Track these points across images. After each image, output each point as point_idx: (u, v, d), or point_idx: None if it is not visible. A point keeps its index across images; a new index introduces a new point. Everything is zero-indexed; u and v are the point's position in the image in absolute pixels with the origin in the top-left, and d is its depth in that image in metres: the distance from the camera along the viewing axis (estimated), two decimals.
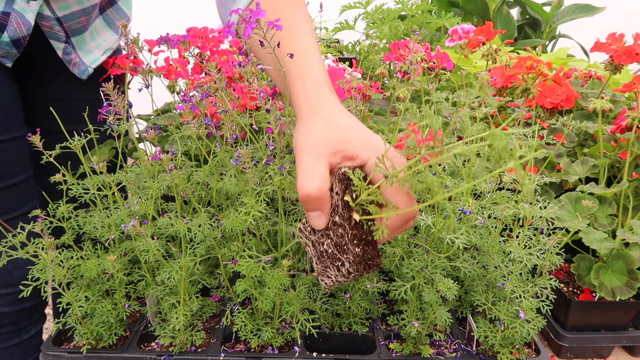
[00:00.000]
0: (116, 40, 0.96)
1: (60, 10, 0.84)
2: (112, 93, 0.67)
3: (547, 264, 0.69)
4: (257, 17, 0.54)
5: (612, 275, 0.86)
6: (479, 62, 1.50)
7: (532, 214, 0.66)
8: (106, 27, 0.93)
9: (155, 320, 0.76)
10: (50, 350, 0.71)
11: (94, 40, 0.91)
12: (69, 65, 0.89)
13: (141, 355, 0.70)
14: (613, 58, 1.03)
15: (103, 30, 0.93)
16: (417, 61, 0.91)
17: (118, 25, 0.94)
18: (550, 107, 1.02)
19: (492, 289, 0.73)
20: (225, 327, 0.76)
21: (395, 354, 0.71)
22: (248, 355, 0.71)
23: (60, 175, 0.71)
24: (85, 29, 0.89)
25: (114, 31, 0.95)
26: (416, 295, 0.70)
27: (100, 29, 0.93)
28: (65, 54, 0.88)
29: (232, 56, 0.97)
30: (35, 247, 0.66)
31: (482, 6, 2.19)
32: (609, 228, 0.89)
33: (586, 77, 1.31)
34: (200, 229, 0.65)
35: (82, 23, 0.87)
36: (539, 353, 0.74)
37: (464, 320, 0.80)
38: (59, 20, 0.84)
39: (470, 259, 0.72)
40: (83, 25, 0.88)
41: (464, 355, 0.72)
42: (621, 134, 0.96)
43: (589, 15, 2.28)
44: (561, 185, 1.06)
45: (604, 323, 0.90)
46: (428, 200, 0.45)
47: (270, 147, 0.66)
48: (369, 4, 1.89)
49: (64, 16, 0.84)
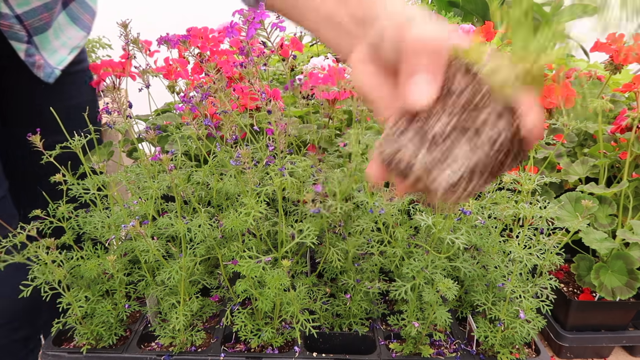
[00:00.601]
0: (83, 37, 0.88)
1: (20, 7, 0.76)
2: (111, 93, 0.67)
3: (547, 264, 0.69)
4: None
5: (612, 275, 0.86)
6: None
7: (532, 214, 0.66)
8: (71, 23, 0.86)
9: (155, 320, 0.76)
10: (50, 350, 0.71)
11: (59, 38, 0.84)
12: (33, 68, 0.81)
13: (141, 355, 0.70)
14: (613, 58, 1.03)
15: (68, 27, 0.86)
16: None
17: (84, 20, 0.87)
18: (550, 107, 1.02)
19: (492, 289, 0.73)
20: (225, 327, 0.76)
21: (395, 354, 0.71)
22: (248, 355, 0.71)
23: (61, 175, 0.72)
24: (48, 27, 0.81)
25: (80, 27, 0.88)
26: (416, 295, 0.70)
27: (65, 25, 0.86)
28: (28, 55, 0.80)
29: (232, 56, 0.97)
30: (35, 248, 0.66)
31: (482, 6, 2.19)
32: (609, 228, 0.89)
33: (586, 77, 1.31)
34: (200, 229, 0.65)
35: (45, 20, 0.80)
36: (539, 353, 0.74)
37: (464, 320, 0.80)
38: (18, 18, 0.76)
39: (470, 259, 0.72)
40: (45, 22, 0.80)
41: (464, 355, 0.72)
42: (621, 134, 0.96)
43: (589, 15, 2.28)
44: (561, 185, 1.06)
45: (604, 323, 0.90)
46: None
47: (270, 148, 0.66)
48: None
49: (24, 13, 0.76)
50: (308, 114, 0.99)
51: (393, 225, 0.72)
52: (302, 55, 1.50)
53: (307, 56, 1.50)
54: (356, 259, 0.76)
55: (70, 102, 0.92)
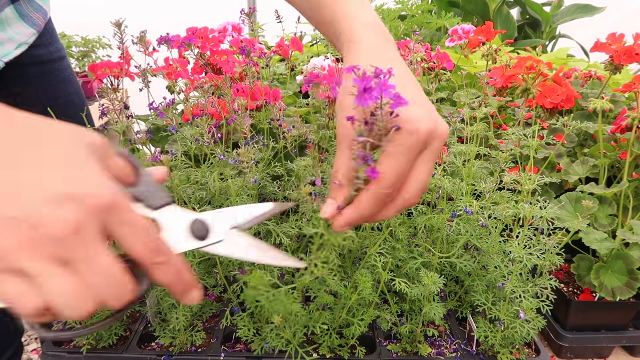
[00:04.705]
0: (32, 34, 0.86)
1: None
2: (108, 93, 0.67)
3: (547, 264, 0.69)
4: None
5: (612, 275, 0.86)
6: (479, 62, 1.50)
7: (532, 214, 0.66)
8: (19, 19, 0.83)
9: (155, 320, 0.76)
10: (50, 350, 0.71)
11: (5, 31, 0.81)
12: None
13: (141, 355, 0.70)
14: (613, 58, 1.03)
15: (15, 22, 0.84)
16: (417, 61, 0.91)
17: (33, 17, 0.84)
18: (550, 107, 1.02)
19: (492, 289, 0.73)
20: (225, 327, 0.76)
21: (395, 354, 0.71)
22: (248, 355, 0.71)
23: None
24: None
25: (29, 24, 0.85)
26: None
27: (12, 19, 0.83)
28: None
29: (232, 56, 0.97)
30: None
31: (482, 6, 2.19)
32: (609, 228, 0.89)
33: (586, 77, 1.31)
34: None
35: None
36: (539, 353, 0.74)
37: (464, 320, 0.80)
38: None
39: (470, 259, 0.72)
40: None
41: (464, 355, 0.72)
42: (621, 134, 0.96)
43: (589, 15, 2.29)
44: (561, 185, 1.06)
45: (604, 323, 0.90)
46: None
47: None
48: None
49: None
50: (308, 114, 0.99)
51: (393, 224, 0.72)
52: (302, 55, 1.50)
53: (307, 56, 1.50)
54: (356, 259, 0.76)
55: (58, 101, 0.92)
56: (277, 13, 1.23)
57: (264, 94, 0.84)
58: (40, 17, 0.86)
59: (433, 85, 0.92)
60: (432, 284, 0.64)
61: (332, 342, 0.69)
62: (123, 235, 0.34)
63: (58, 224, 0.31)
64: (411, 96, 0.40)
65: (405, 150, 0.39)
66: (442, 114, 1.20)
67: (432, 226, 0.72)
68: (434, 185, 0.74)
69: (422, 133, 0.40)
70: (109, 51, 2.82)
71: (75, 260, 0.32)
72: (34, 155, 0.33)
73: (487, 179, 0.78)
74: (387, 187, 0.39)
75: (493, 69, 1.08)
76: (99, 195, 0.33)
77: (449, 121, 0.86)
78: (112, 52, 2.82)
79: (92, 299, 0.33)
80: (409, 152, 0.40)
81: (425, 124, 0.40)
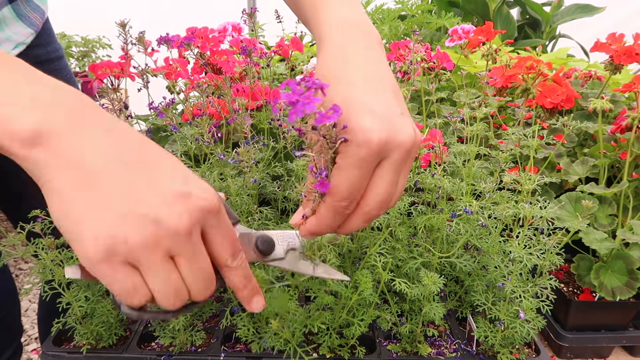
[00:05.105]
0: (30, 34, 0.86)
1: None
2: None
3: (547, 264, 0.69)
4: None
5: (612, 275, 0.86)
6: (479, 62, 1.50)
7: (532, 214, 0.66)
8: (16, 19, 0.83)
9: (155, 320, 0.76)
10: (50, 350, 0.71)
11: (3, 31, 0.81)
12: None
13: (141, 355, 0.70)
14: (613, 58, 1.03)
15: (13, 22, 0.83)
16: (417, 61, 0.91)
17: (31, 17, 0.84)
18: (550, 107, 1.02)
19: (492, 289, 0.73)
20: (225, 327, 0.76)
21: (395, 354, 0.71)
22: (248, 355, 0.71)
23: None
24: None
25: (26, 24, 0.85)
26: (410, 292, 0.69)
27: (10, 19, 0.83)
28: None
29: (232, 56, 0.97)
30: (35, 247, 0.66)
31: (482, 6, 2.19)
32: (609, 228, 0.89)
33: (586, 77, 1.31)
34: None
35: None
36: (539, 353, 0.74)
37: (464, 320, 0.80)
38: None
39: (470, 259, 0.72)
40: None
41: (464, 355, 0.72)
42: (621, 134, 0.96)
43: (589, 15, 2.29)
44: (561, 185, 1.06)
45: (604, 323, 0.90)
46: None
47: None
48: (369, 4, 1.89)
49: None
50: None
51: (392, 225, 0.72)
52: (302, 55, 1.50)
53: (307, 56, 1.50)
54: (356, 259, 0.76)
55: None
56: (277, 13, 1.23)
57: (264, 94, 0.84)
58: (38, 17, 0.86)
59: (433, 85, 0.92)
60: (432, 284, 0.64)
61: (332, 342, 0.69)
62: (214, 236, 0.37)
63: (177, 219, 0.33)
64: (367, 103, 0.39)
65: (356, 162, 0.37)
66: (442, 113, 1.20)
67: (432, 226, 0.72)
68: (434, 186, 0.74)
69: (374, 144, 0.37)
70: (109, 51, 2.82)
71: (182, 255, 0.35)
72: (154, 157, 0.36)
73: (487, 179, 0.78)
74: (340, 200, 0.39)
75: (493, 69, 1.08)
76: (207, 199, 0.35)
77: (448, 121, 0.86)
78: (112, 52, 2.82)
79: (187, 292, 0.36)
80: (361, 165, 0.37)
81: (377, 134, 0.37)
